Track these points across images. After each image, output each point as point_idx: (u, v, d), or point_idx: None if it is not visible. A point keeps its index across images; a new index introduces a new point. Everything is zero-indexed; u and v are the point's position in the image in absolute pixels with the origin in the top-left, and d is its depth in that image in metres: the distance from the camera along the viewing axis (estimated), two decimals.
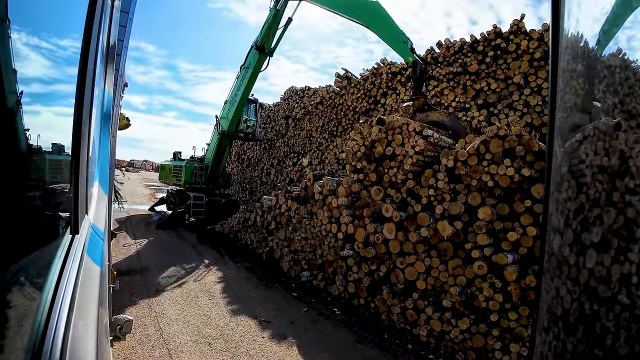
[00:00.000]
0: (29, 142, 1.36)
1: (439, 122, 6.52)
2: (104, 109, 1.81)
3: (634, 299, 0.40)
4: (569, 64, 0.56)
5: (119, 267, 6.64)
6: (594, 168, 0.48)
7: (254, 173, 16.67)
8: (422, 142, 4.99)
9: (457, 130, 6.38)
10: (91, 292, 1.07)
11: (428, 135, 5.10)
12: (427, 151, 5.11)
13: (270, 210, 7.84)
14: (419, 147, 4.99)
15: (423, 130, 5.11)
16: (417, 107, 6.94)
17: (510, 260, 4.03)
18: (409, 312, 4.77)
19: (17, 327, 0.90)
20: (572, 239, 0.49)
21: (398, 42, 7.20)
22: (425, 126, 5.32)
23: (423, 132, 5.10)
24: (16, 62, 1.21)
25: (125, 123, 11.28)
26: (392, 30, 7.28)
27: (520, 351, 3.84)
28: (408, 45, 7.09)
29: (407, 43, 7.10)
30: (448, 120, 6.56)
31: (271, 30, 10.29)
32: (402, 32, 7.20)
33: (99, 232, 1.45)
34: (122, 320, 3.06)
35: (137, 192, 20.66)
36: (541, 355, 0.55)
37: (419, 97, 7.10)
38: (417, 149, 5.01)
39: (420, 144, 4.99)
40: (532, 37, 7.63)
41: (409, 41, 7.13)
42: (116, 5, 2.06)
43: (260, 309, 5.29)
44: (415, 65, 7.04)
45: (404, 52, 7.18)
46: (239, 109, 11.29)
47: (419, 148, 5.00)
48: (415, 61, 7.03)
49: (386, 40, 7.35)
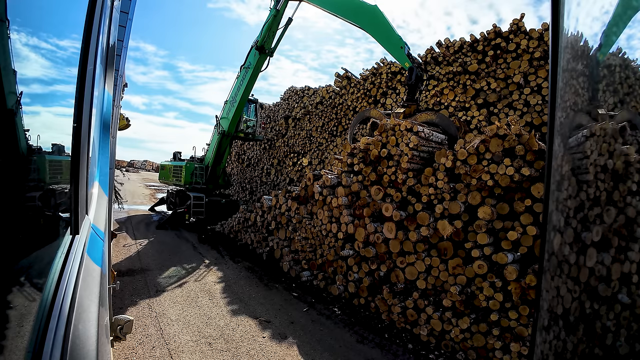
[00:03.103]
0: (29, 143, 1.36)
1: (428, 121, 6.58)
2: (104, 110, 1.81)
3: (634, 298, 0.40)
4: (569, 63, 0.56)
5: (119, 267, 6.64)
6: (594, 167, 0.48)
7: (254, 173, 16.66)
8: (414, 138, 5.18)
9: (446, 126, 6.44)
10: (91, 292, 1.07)
11: (419, 131, 5.29)
12: (420, 146, 5.27)
13: (270, 210, 7.84)
14: (412, 143, 5.17)
15: (413, 127, 5.29)
16: (407, 114, 6.97)
17: (511, 260, 4.03)
18: (409, 311, 4.77)
19: (17, 327, 0.90)
20: (572, 238, 0.49)
21: (395, 48, 7.22)
22: (415, 123, 5.46)
23: (413, 128, 5.28)
24: (16, 62, 1.21)
25: (125, 123, 11.28)
26: (389, 35, 7.30)
27: (521, 350, 3.84)
28: (405, 51, 7.11)
29: (403, 48, 7.12)
30: (436, 119, 6.62)
31: (271, 31, 10.27)
32: (399, 37, 7.22)
33: (99, 233, 1.45)
34: (122, 320, 3.05)
35: (137, 192, 20.68)
36: (542, 354, 0.55)
37: (411, 104, 7.13)
38: (411, 144, 5.19)
39: (413, 139, 5.17)
40: (532, 36, 7.63)
41: (405, 47, 7.15)
42: (116, 5, 2.06)
43: (260, 308, 5.29)
44: (412, 71, 7.06)
45: (401, 58, 7.20)
46: (239, 109, 11.28)
47: (412, 144, 5.17)
48: (412, 67, 7.05)
49: (383, 45, 7.37)
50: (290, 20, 10.30)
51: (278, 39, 10.50)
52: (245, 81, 10.82)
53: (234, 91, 11.29)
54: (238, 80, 11.18)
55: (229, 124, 11.40)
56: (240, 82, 11.05)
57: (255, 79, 10.99)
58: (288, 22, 10.34)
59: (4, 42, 1.12)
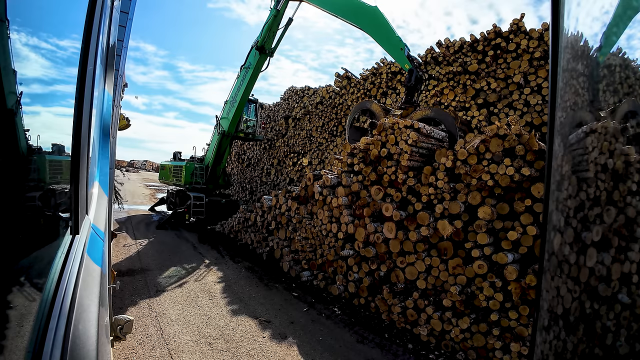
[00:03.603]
0: (29, 143, 1.36)
1: (425, 117, 6.56)
2: (104, 110, 1.81)
3: (635, 298, 0.40)
4: (569, 63, 0.56)
5: (119, 267, 6.64)
6: (595, 167, 0.48)
7: (254, 173, 16.67)
8: (413, 134, 5.13)
9: (443, 119, 6.41)
10: (91, 292, 1.07)
11: (419, 128, 5.26)
12: (420, 142, 5.24)
13: (270, 210, 7.84)
14: (412, 140, 5.13)
15: (414, 124, 5.27)
16: (404, 116, 6.96)
17: (511, 260, 4.03)
18: (409, 311, 4.77)
19: (17, 326, 0.90)
20: (572, 238, 0.49)
21: (395, 49, 7.21)
22: (414, 121, 5.44)
23: (414, 125, 5.25)
24: (16, 62, 1.21)
25: (125, 123, 11.29)
26: (389, 37, 7.29)
27: (521, 350, 3.84)
28: (405, 53, 7.10)
29: (403, 50, 7.10)
30: (432, 113, 6.59)
31: (271, 31, 10.28)
32: (399, 39, 7.20)
33: (99, 233, 1.45)
34: (122, 320, 3.05)
35: (137, 192, 20.68)
36: (542, 354, 0.55)
37: (409, 106, 7.11)
38: (410, 141, 5.14)
39: (412, 135, 5.13)
40: (532, 36, 7.63)
41: (405, 48, 7.13)
42: (116, 5, 2.06)
43: (260, 308, 5.29)
44: (411, 73, 7.04)
45: (401, 59, 7.18)
46: (240, 109, 11.29)
47: (411, 140, 5.13)
48: (412, 69, 7.03)
49: (383, 46, 7.36)
50: (291, 21, 10.29)
51: (278, 39, 10.49)
52: (245, 81, 10.81)
53: (234, 91, 11.30)
54: (238, 80, 11.19)
55: (229, 124, 11.40)
56: (240, 82, 11.06)
57: (256, 79, 10.98)
58: (288, 22, 10.33)
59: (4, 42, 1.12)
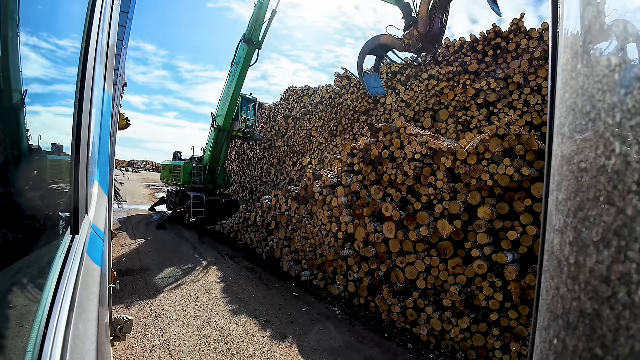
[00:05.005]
0: (29, 143, 1.36)
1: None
2: (104, 110, 1.81)
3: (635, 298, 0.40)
4: (569, 63, 0.56)
5: (119, 267, 6.64)
6: (595, 167, 0.48)
7: (254, 173, 16.66)
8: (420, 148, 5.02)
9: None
10: (91, 292, 1.07)
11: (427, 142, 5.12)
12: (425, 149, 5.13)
13: (270, 210, 7.84)
14: (419, 154, 5.02)
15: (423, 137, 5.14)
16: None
17: (510, 260, 4.03)
18: (409, 311, 4.77)
19: (17, 327, 0.90)
20: (572, 238, 0.49)
21: None
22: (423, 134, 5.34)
23: (423, 138, 5.12)
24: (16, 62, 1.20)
25: (125, 123, 11.28)
26: None
27: (521, 350, 3.85)
28: None
29: None
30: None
31: (257, 23, 10.66)
32: None
33: (99, 232, 1.45)
34: (122, 320, 3.05)
35: (137, 192, 20.67)
36: (541, 354, 0.55)
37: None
38: (417, 156, 5.04)
39: (418, 149, 5.02)
40: (532, 36, 7.62)
41: None
42: (116, 5, 2.06)
43: (260, 308, 5.29)
44: None
45: None
46: (233, 103, 11.58)
47: (419, 156, 5.03)
48: None
49: None
50: (275, 12, 10.79)
51: (264, 31, 10.89)
52: (236, 76, 11.16)
53: (227, 87, 11.66)
54: (230, 76, 11.55)
55: (224, 119, 11.61)
56: (232, 78, 11.41)
57: (246, 73, 11.35)
58: (273, 14, 10.82)
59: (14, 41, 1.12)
